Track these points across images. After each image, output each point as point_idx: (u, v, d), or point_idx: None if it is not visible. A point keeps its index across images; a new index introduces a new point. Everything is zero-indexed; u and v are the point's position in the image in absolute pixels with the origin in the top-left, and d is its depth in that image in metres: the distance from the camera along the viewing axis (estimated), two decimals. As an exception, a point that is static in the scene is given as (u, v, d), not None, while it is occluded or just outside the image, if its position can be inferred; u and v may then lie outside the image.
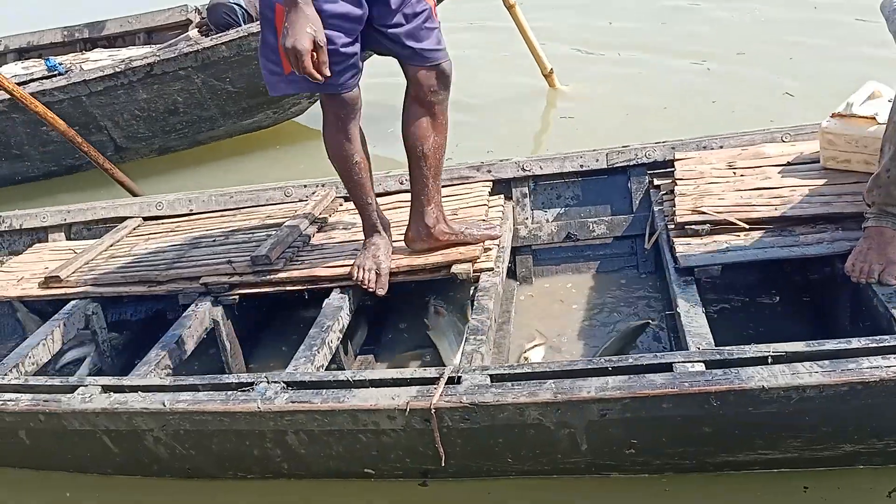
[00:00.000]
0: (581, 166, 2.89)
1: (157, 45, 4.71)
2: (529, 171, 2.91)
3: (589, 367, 1.73)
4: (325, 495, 2.06)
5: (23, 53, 4.94)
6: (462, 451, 1.82)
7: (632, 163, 2.86)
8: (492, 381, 1.74)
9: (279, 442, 1.89)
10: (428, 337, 2.57)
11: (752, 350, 1.68)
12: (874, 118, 2.41)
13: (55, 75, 4.12)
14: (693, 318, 2.04)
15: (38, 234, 3.20)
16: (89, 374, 2.61)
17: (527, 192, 2.92)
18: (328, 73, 1.99)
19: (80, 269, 2.72)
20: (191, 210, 3.10)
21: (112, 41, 5.19)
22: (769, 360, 1.65)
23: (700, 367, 1.67)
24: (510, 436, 1.78)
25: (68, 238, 3.19)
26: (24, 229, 3.20)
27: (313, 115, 4.60)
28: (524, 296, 2.81)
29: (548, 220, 2.92)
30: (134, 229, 3.05)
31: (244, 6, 4.21)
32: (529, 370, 1.75)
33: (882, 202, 2.06)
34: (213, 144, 4.61)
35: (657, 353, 1.74)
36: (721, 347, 1.72)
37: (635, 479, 1.89)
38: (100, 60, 4.52)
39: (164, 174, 4.42)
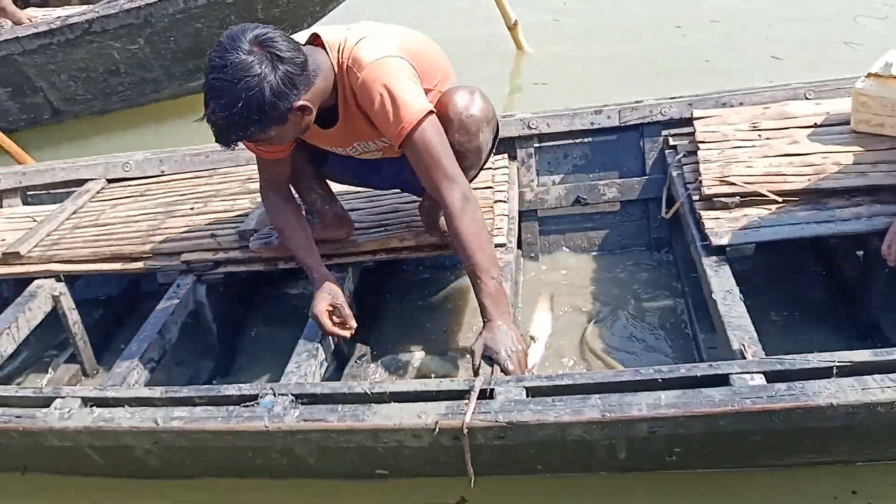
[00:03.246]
0: (592, 124, 2.67)
1: (96, 4, 4.32)
2: (536, 128, 2.68)
3: (636, 378, 1.56)
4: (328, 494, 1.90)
5: None
6: (489, 460, 1.66)
7: (646, 120, 2.65)
8: (528, 395, 1.57)
9: (287, 453, 1.71)
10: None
11: (815, 360, 1.52)
12: (914, 80, 2.23)
13: None
14: (731, 306, 1.88)
15: (-9, 199, 2.89)
16: (63, 363, 2.38)
17: (532, 151, 2.70)
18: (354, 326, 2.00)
19: (43, 243, 2.44)
20: (162, 171, 2.81)
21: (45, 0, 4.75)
22: (834, 372, 1.50)
23: (760, 379, 1.52)
24: (546, 448, 1.63)
25: (25, 203, 2.88)
26: (-28, 195, 2.88)
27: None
28: (529, 267, 2.63)
29: (554, 183, 2.72)
30: (97, 193, 2.75)
31: None
32: (570, 382, 1.57)
33: None
34: (157, 105, 4.30)
35: (712, 363, 1.58)
36: (781, 357, 1.56)
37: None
38: (34, 19, 4.10)
39: (102, 136, 4.09)
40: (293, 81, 1.65)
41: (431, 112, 1.79)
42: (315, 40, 1.84)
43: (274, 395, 1.63)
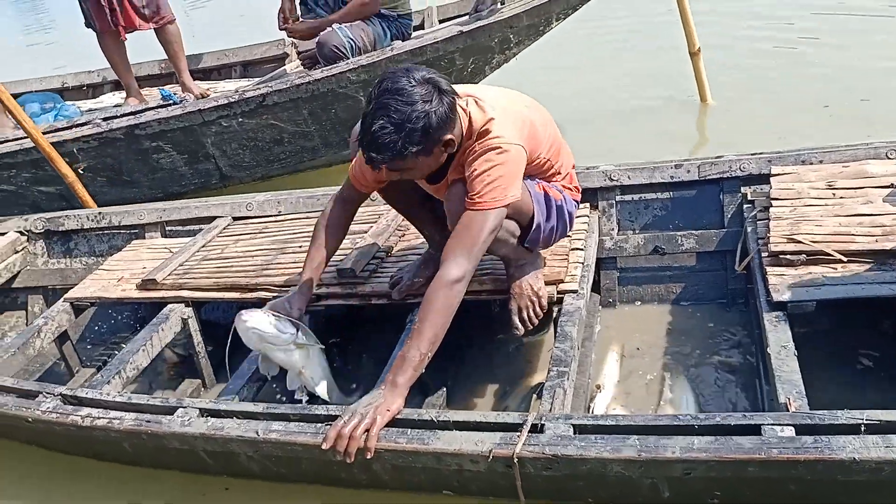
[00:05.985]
0: (672, 178, 2.81)
1: (254, 79, 4.71)
2: (617, 180, 2.85)
3: (674, 423, 1.72)
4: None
5: (119, 85, 4.97)
6: (541, 488, 1.85)
7: (725, 175, 2.77)
8: (575, 432, 1.75)
9: (365, 468, 1.96)
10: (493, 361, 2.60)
11: (844, 416, 1.63)
12: None
13: (170, 104, 4.16)
14: (784, 361, 1.98)
15: (136, 231, 3.34)
16: (185, 378, 2.75)
17: (613, 202, 2.87)
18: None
19: (175, 272, 2.83)
20: (279, 211, 3.18)
21: (207, 73, 5.22)
22: (862, 429, 1.60)
23: (790, 431, 1.64)
24: (591, 481, 1.80)
25: (164, 235, 3.32)
26: (122, 226, 3.35)
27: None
28: (607, 314, 2.79)
29: (634, 232, 2.87)
30: (224, 229, 3.14)
31: (352, 39, 4.09)
32: (613, 423, 1.75)
33: None
34: (312, 172, 4.63)
35: (745, 414, 1.71)
36: (812, 412, 1.67)
37: None
38: (207, 92, 4.55)
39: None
40: (450, 117, 1.86)
41: (504, 207, 1.97)
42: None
43: (355, 416, 1.89)
